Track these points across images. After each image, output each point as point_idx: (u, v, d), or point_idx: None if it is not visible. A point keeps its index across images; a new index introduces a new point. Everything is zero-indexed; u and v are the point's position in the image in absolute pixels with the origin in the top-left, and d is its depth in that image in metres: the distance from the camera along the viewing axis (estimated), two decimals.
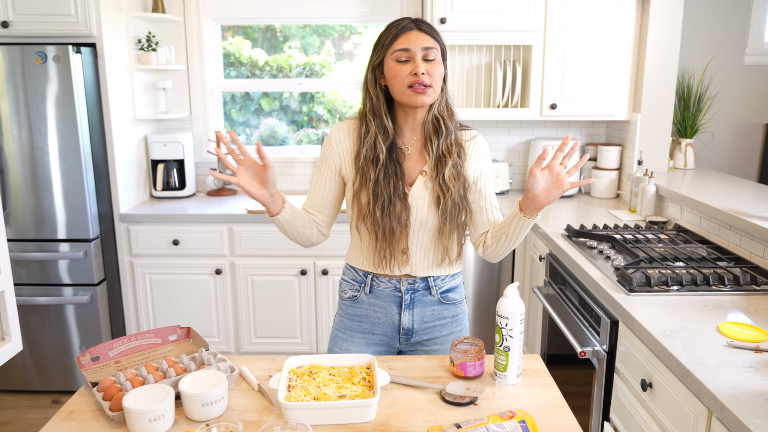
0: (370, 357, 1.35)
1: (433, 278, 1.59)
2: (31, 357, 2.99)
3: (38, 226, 2.84)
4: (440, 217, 1.52)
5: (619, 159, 3.28)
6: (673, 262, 2.06)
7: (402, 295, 1.58)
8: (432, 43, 1.46)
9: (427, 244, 1.56)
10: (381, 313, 1.61)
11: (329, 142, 1.58)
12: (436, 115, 1.52)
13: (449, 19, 3.02)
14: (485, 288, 3.10)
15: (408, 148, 1.56)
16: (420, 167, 1.55)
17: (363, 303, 1.62)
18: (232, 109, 3.67)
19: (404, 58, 1.44)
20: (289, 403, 1.17)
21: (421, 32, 1.45)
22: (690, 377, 1.35)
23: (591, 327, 2.02)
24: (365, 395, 1.23)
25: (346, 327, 1.65)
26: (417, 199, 1.52)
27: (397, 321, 1.60)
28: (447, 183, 1.51)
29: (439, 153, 1.52)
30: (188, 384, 1.22)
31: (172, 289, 3.09)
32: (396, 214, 1.49)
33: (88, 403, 1.29)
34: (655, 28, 3.02)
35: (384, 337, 1.63)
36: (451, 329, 1.64)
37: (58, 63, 2.66)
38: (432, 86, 1.45)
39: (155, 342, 1.52)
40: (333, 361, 1.35)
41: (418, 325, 1.61)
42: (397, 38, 1.45)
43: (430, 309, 1.61)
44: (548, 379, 1.38)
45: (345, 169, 1.57)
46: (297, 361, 1.34)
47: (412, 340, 1.63)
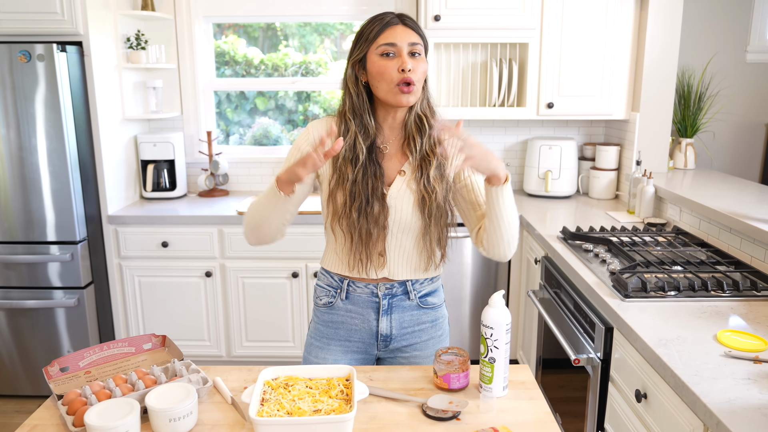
0: (350, 368, 1.29)
1: (412, 282, 1.53)
2: (21, 361, 2.94)
3: (27, 228, 2.79)
4: (425, 219, 1.46)
5: (617, 159, 3.21)
6: (671, 266, 2.00)
7: (379, 300, 1.52)
8: (417, 38, 1.40)
9: (406, 247, 1.50)
10: (358, 319, 1.54)
11: (307, 137, 1.50)
12: (419, 113, 1.46)
13: (443, 17, 2.96)
14: (481, 290, 3.04)
15: (387, 147, 1.49)
16: (399, 167, 1.49)
17: (339, 309, 1.56)
18: (227, 109, 3.61)
19: (390, 52, 1.38)
20: (261, 418, 1.11)
21: (406, 27, 1.39)
22: (685, 390, 1.29)
23: (586, 333, 1.95)
24: (342, 410, 1.17)
25: (322, 335, 1.58)
26: (395, 199, 1.46)
27: (374, 327, 1.54)
28: (432, 184, 1.44)
29: (423, 153, 1.46)
30: (155, 398, 1.16)
31: (162, 292, 3.03)
32: (373, 215, 1.43)
33: (53, 417, 1.23)
34: (654, 25, 2.95)
35: (361, 344, 1.56)
36: (430, 334, 1.58)
37: (43, 62, 2.61)
38: (416, 85, 1.39)
39: (128, 351, 1.46)
40: (311, 372, 1.29)
41: (396, 331, 1.54)
42: (382, 32, 1.39)
43: (409, 314, 1.54)
44: (536, 391, 1.32)
45: (322, 167, 1.49)
46: (273, 372, 1.28)
47: (391, 346, 1.56)
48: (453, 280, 3.01)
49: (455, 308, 3.05)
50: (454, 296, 3.03)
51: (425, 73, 1.42)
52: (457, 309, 3.05)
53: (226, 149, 3.55)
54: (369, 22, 1.42)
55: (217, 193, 3.38)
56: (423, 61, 1.41)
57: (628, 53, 3.05)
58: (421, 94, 1.44)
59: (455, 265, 2.99)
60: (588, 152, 3.40)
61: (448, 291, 3.02)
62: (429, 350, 1.57)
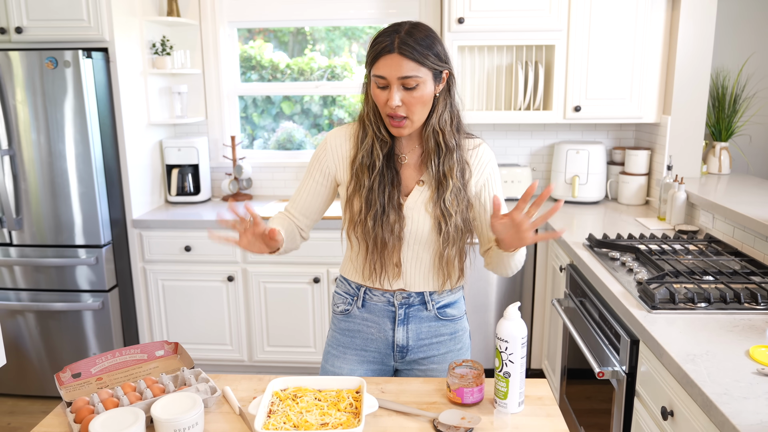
0: (360, 380, 1.25)
1: (430, 293, 1.49)
2: (49, 362, 2.99)
3: (56, 231, 2.83)
4: (441, 243, 1.41)
5: (648, 164, 3.11)
6: (702, 277, 1.91)
7: (395, 309, 1.48)
8: (413, 69, 1.28)
9: (424, 259, 1.46)
10: (374, 328, 1.51)
11: (325, 146, 1.49)
12: (436, 129, 1.38)
13: (467, 19, 2.91)
14: (506, 297, 2.98)
15: (405, 157, 1.45)
16: (417, 177, 1.45)
17: (355, 317, 1.53)
18: (253, 113, 3.62)
19: (382, 85, 1.32)
20: (266, 431, 1.09)
21: (402, 57, 1.28)
22: (713, 409, 1.22)
23: (611, 345, 1.88)
24: (349, 424, 1.13)
25: (339, 343, 1.55)
26: (412, 210, 1.42)
27: (390, 337, 1.50)
28: (449, 208, 1.39)
29: (439, 175, 1.40)
30: (161, 408, 1.14)
31: (185, 296, 3.05)
32: (389, 224, 1.39)
33: (62, 425, 1.23)
34: (686, 25, 2.85)
35: (378, 355, 1.52)
36: (449, 347, 1.53)
37: (69, 68, 2.65)
38: (410, 118, 1.34)
39: (141, 358, 1.46)
40: (320, 383, 1.26)
41: (413, 342, 1.50)
42: (376, 61, 1.31)
43: (426, 325, 1.50)
44: (553, 408, 1.26)
45: (340, 175, 1.48)
46: (282, 382, 1.26)
47: (408, 358, 1.52)
48: (477, 286, 2.95)
49: (480, 315, 2.99)
50: (478, 303, 2.98)
51: (425, 101, 1.33)
52: (481, 316, 3.00)
53: (250, 154, 3.56)
54: (372, 41, 1.34)
55: (240, 198, 3.38)
56: (420, 91, 1.31)
57: (659, 54, 2.96)
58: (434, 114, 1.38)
59: (480, 271, 2.93)
60: (617, 156, 3.31)
61: (472, 298, 2.96)
62: (447, 364, 1.52)
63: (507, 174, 3.25)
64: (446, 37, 2.97)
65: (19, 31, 2.74)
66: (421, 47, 1.29)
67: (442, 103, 1.39)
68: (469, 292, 2.95)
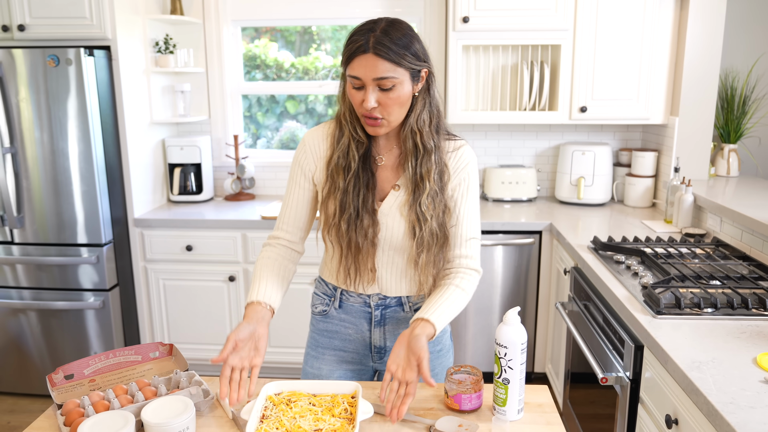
0: (356, 385, 1.23)
1: (406, 296, 1.46)
2: (51, 361, 2.98)
3: (58, 230, 2.82)
4: (415, 249, 1.36)
5: (654, 165, 3.07)
6: (708, 281, 1.87)
7: (372, 311, 1.46)
8: (389, 70, 1.23)
9: (399, 265, 1.42)
10: (351, 329, 1.48)
11: (303, 147, 1.44)
12: (414, 129, 1.33)
13: (472, 18, 2.88)
14: (510, 300, 2.94)
15: (382, 159, 1.41)
16: (393, 180, 1.40)
17: (333, 318, 1.50)
18: (258, 112, 3.60)
19: (357, 86, 1.27)
20: None
21: (377, 58, 1.22)
22: (719, 419, 1.18)
23: (615, 350, 1.85)
24: (343, 430, 1.11)
25: (317, 344, 1.53)
26: (387, 216, 1.38)
27: (368, 338, 1.48)
28: (424, 213, 1.33)
29: (416, 177, 1.34)
30: (151, 412, 1.12)
31: (186, 296, 3.03)
32: (363, 229, 1.35)
33: (52, 427, 1.21)
34: (695, 25, 2.80)
35: (356, 355, 1.50)
36: (429, 349, 1.49)
37: (71, 66, 2.64)
38: (386, 118, 1.29)
39: (135, 359, 1.44)
40: (315, 388, 1.24)
41: (390, 343, 1.48)
42: (351, 61, 1.26)
43: (404, 326, 1.47)
44: (554, 415, 1.23)
45: (318, 175, 1.43)
46: (277, 386, 1.23)
47: (386, 358, 1.49)
48: (481, 288, 2.92)
49: (483, 318, 2.96)
50: (482, 305, 2.94)
51: (401, 100, 1.28)
52: (484, 319, 2.96)
53: (252, 153, 3.54)
54: (347, 39, 1.28)
55: (243, 197, 3.36)
56: (396, 92, 1.26)
57: (666, 55, 2.91)
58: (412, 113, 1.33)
59: (484, 273, 2.89)
60: (624, 158, 3.26)
61: (477, 299, 2.93)
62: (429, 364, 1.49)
63: (512, 175, 3.22)
64: (451, 36, 2.94)
65: (22, 29, 2.73)
66: (397, 47, 1.24)
67: (420, 102, 1.33)
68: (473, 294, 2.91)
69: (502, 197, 3.24)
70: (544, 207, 3.16)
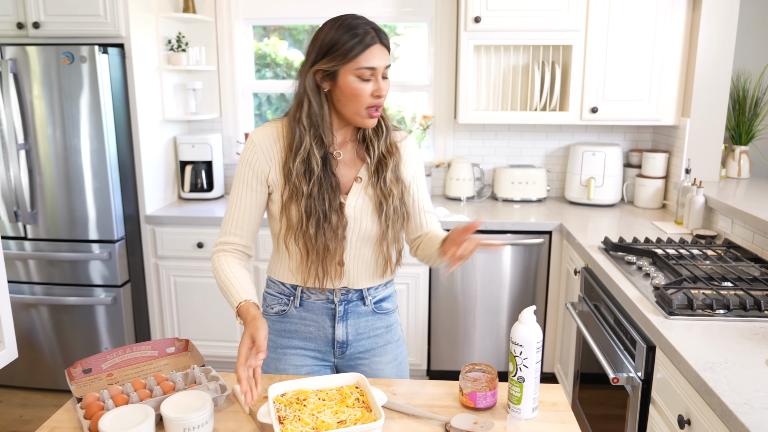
0: (358, 375, 1.24)
1: (367, 288, 1.48)
2: (62, 356, 3.00)
3: (70, 226, 2.85)
4: (383, 224, 1.41)
5: (665, 167, 3.06)
6: (720, 283, 1.88)
7: (335, 306, 1.47)
8: (389, 58, 1.36)
9: (366, 256, 1.45)
10: (312, 327, 1.48)
11: (253, 147, 1.39)
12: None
13: (484, 18, 2.88)
14: (519, 300, 2.95)
15: (340, 154, 1.43)
16: (354, 173, 1.43)
17: (292, 317, 1.49)
18: (267, 111, 3.62)
19: (367, 77, 1.31)
20: None
21: (383, 47, 1.33)
22: (732, 419, 1.19)
23: (626, 350, 1.85)
24: (366, 418, 1.12)
25: (276, 345, 1.50)
26: (353, 209, 1.40)
27: (330, 334, 1.49)
28: (389, 187, 1.40)
29: (380, 154, 1.42)
30: (170, 406, 1.14)
31: (196, 293, 3.05)
32: (332, 228, 1.36)
33: (71, 420, 1.22)
34: (707, 27, 2.80)
35: (317, 353, 1.51)
36: (387, 339, 1.54)
37: (85, 63, 2.66)
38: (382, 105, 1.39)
39: (151, 354, 1.45)
40: (318, 384, 1.24)
41: (352, 337, 1.50)
42: (363, 53, 1.29)
43: (364, 320, 1.50)
44: (568, 414, 1.24)
45: (273, 177, 1.39)
46: (281, 387, 1.23)
47: (348, 352, 1.51)
48: (490, 288, 2.93)
49: (492, 318, 2.97)
50: (491, 305, 2.95)
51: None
52: (493, 318, 2.97)
53: None
54: (344, 35, 1.30)
55: None
56: (388, 80, 1.37)
57: (678, 56, 2.91)
58: None
59: (493, 273, 2.90)
60: (634, 159, 3.26)
61: (486, 299, 2.94)
62: (389, 355, 1.55)
63: (522, 175, 3.22)
64: (462, 36, 2.95)
65: (37, 26, 2.76)
66: (389, 39, 1.37)
67: None
68: (481, 293, 2.93)
69: (511, 197, 3.25)
70: (553, 207, 3.16)
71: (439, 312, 2.98)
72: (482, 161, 3.41)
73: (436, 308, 2.97)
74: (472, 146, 3.40)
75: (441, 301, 2.96)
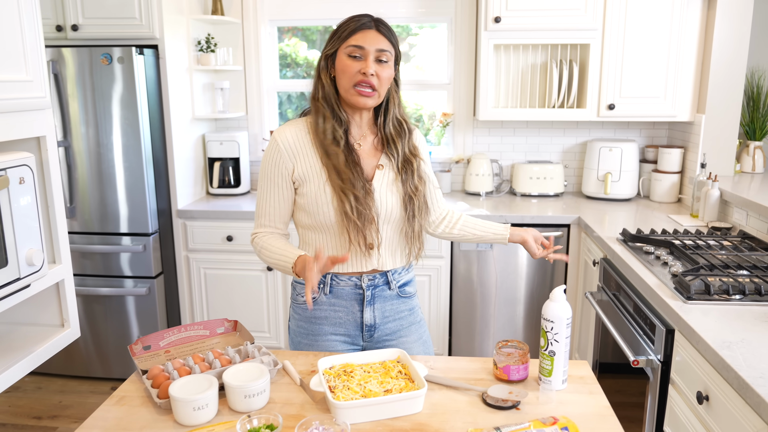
0: (399, 351, 1.35)
1: (392, 272, 1.59)
2: (93, 345, 3.13)
3: (102, 220, 2.98)
4: (410, 219, 1.53)
5: (681, 162, 3.14)
6: (736, 270, 1.96)
7: (364, 291, 1.57)
8: (387, 45, 1.46)
9: (392, 238, 1.56)
10: (342, 312, 1.58)
11: (276, 147, 1.52)
12: (398, 117, 1.56)
13: (504, 18, 2.98)
14: (537, 292, 3.04)
15: (360, 145, 1.55)
16: (374, 162, 1.55)
17: (323, 304, 1.59)
18: (288, 109, 3.73)
19: (357, 54, 1.45)
20: (341, 402, 1.17)
21: (378, 33, 1.46)
22: (749, 391, 1.28)
23: (645, 335, 1.94)
24: (410, 387, 1.23)
25: (308, 332, 1.60)
26: (379, 192, 1.52)
27: (359, 318, 1.59)
28: (416, 185, 1.54)
29: (405, 156, 1.54)
30: (232, 375, 1.24)
31: (225, 284, 3.17)
32: (362, 205, 1.46)
33: (138, 390, 1.33)
34: (722, 24, 2.88)
35: (347, 337, 1.61)
36: (411, 320, 1.65)
37: (123, 64, 2.78)
38: (377, 90, 1.46)
39: (203, 334, 1.56)
40: (362, 358, 1.35)
41: (379, 320, 1.60)
42: (354, 34, 1.46)
43: (390, 303, 1.61)
44: (595, 386, 1.33)
45: (298, 172, 1.51)
46: (328, 361, 1.34)
47: (375, 335, 1.61)
48: (508, 280, 3.02)
49: (509, 308, 3.06)
50: (508, 297, 3.04)
51: (390, 79, 1.49)
52: (511, 309, 3.06)
53: None
54: (346, 21, 1.49)
55: None
56: (389, 68, 1.47)
57: (693, 54, 2.99)
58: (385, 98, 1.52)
59: (510, 265, 3.00)
60: (650, 155, 3.34)
61: (502, 291, 3.03)
62: (414, 335, 1.66)
63: (540, 171, 3.31)
64: (482, 36, 3.04)
65: (75, 29, 2.88)
66: (390, 31, 1.50)
67: (396, 94, 1.55)
68: (500, 286, 3.02)
69: (529, 192, 3.34)
70: (571, 202, 3.25)
71: (459, 303, 3.08)
72: (501, 157, 3.51)
73: (457, 299, 3.07)
74: (490, 143, 3.50)
75: (461, 292, 3.06)
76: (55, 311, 1.54)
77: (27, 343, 1.45)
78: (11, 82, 1.28)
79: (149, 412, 1.24)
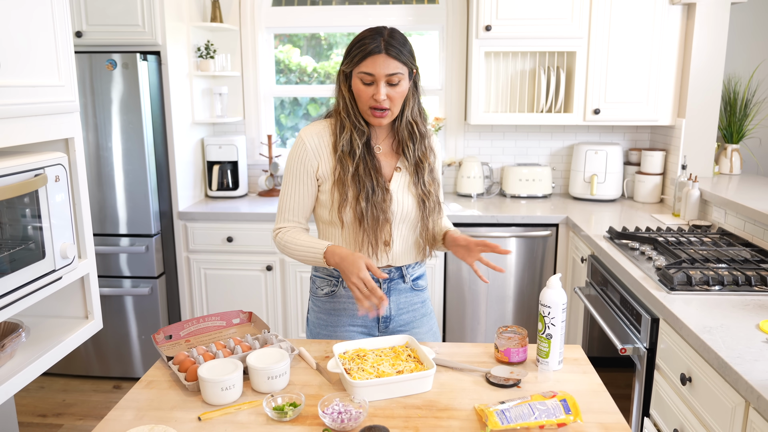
0: (407, 336, 1.46)
1: (406, 266, 1.68)
2: (93, 345, 3.19)
3: (106, 221, 3.05)
4: (424, 217, 1.62)
5: (662, 164, 3.29)
6: (716, 264, 2.10)
7: (380, 284, 1.65)
8: (398, 67, 1.50)
9: (407, 236, 1.65)
10: None
11: (302, 145, 1.59)
12: (410, 121, 1.60)
13: (494, 27, 3.11)
14: (526, 290, 3.16)
15: (380, 148, 1.64)
16: (393, 164, 1.64)
17: (341, 297, 1.67)
18: (281, 114, 3.83)
19: (368, 81, 1.50)
20: (358, 381, 1.28)
21: (388, 57, 1.49)
22: (728, 369, 1.40)
23: (632, 325, 2.06)
24: (419, 369, 1.34)
25: (326, 324, 1.69)
26: (397, 192, 1.61)
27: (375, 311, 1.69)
28: (428, 187, 1.62)
29: (416, 159, 1.62)
30: (255, 359, 1.34)
31: (226, 284, 3.25)
32: (379, 203, 1.55)
33: (164, 375, 1.42)
34: (700, 33, 3.03)
35: (363, 328, 1.70)
36: (422, 312, 1.75)
37: (127, 70, 2.86)
38: (391, 109, 1.54)
39: (220, 324, 1.66)
40: (373, 344, 1.46)
41: (394, 312, 1.69)
42: (364, 60, 1.49)
43: (404, 296, 1.70)
44: (588, 367, 1.45)
45: (322, 170, 1.59)
46: (342, 347, 1.44)
47: (390, 327, 1.70)
48: (499, 278, 3.14)
49: (498, 306, 3.18)
50: (498, 295, 3.16)
51: (404, 94, 1.54)
52: (501, 306, 3.18)
53: (284, 152, 3.76)
54: (356, 43, 1.53)
55: (275, 193, 3.58)
56: (402, 87, 1.52)
57: (674, 61, 3.14)
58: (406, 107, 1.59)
59: (500, 265, 3.12)
60: (633, 157, 3.49)
61: (492, 288, 3.15)
62: (425, 326, 1.75)
63: (528, 173, 3.44)
64: (473, 44, 3.17)
65: (79, 35, 2.96)
66: (402, 48, 1.52)
67: (412, 97, 1.60)
68: (489, 285, 3.14)
69: (519, 193, 3.47)
70: (558, 202, 3.38)
71: (452, 301, 3.19)
72: (491, 160, 3.63)
73: (450, 297, 3.19)
74: (481, 146, 3.63)
75: (454, 291, 3.18)
76: (78, 304, 1.62)
77: (54, 333, 1.53)
78: (46, 87, 1.37)
79: (178, 393, 1.34)
